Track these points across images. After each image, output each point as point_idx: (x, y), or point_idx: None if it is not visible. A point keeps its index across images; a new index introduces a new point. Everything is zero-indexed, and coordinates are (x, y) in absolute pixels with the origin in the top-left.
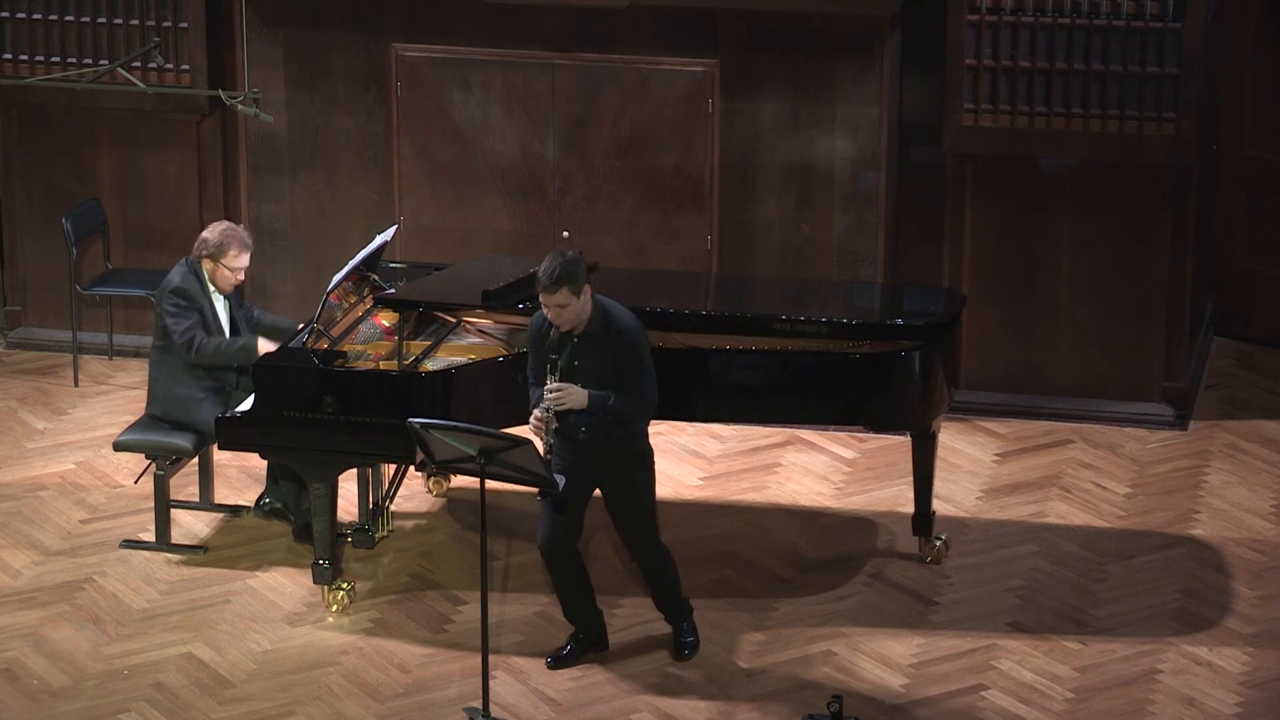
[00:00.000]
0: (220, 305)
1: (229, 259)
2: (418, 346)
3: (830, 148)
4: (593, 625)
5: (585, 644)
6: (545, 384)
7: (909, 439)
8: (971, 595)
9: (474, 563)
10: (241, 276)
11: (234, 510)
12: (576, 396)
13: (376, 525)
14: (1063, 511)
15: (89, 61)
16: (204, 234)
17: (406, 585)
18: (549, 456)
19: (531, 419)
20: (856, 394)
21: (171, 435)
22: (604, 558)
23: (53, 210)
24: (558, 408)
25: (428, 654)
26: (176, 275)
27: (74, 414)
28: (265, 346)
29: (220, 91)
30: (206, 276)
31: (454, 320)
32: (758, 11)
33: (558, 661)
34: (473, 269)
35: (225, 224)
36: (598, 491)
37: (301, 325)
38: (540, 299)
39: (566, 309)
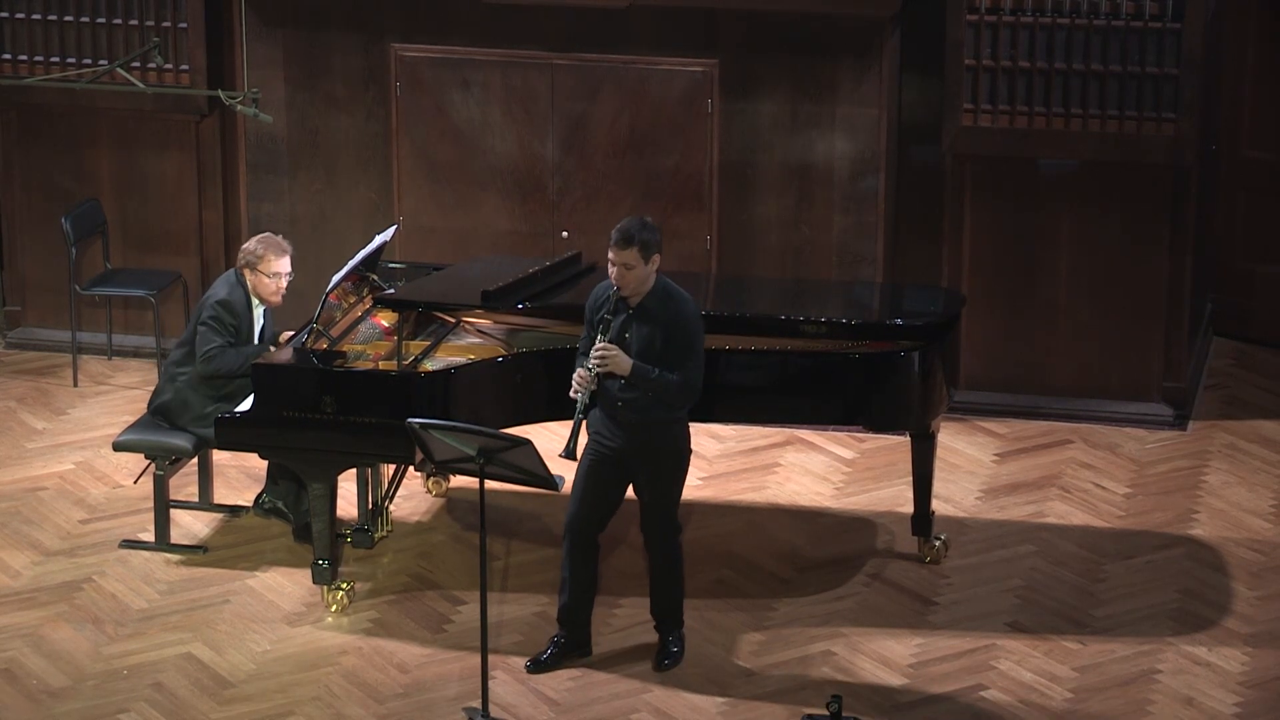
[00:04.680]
0: (258, 321)
1: (265, 265)
2: (417, 346)
3: (829, 148)
4: (580, 630)
5: (567, 648)
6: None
7: (908, 439)
8: (971, 595)
9: (473, 563)
10: (284, 284)
11: (233, 510)
12: (621, 361)
13: (376, 525)
14: (1062, 511)
15: (89, 61)
16: (244, 245)
17: (406, 585)
18: (581, 416)
19: (575, 378)
20: (856, 394)
21: (171, 435)
22: (603, 557)
23: (52, 210)
24: (601, 369)
25: (427, 654)
26: (223, 287)
27: (73, 414)
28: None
29: (220, 92)
30: (250, 289)
31: (453, 320)
32: (757, 11)
33: (537, 665)
34: (472, 269)
35: (263, 234)
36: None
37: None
38: (609, 255)
39: (631, 271)
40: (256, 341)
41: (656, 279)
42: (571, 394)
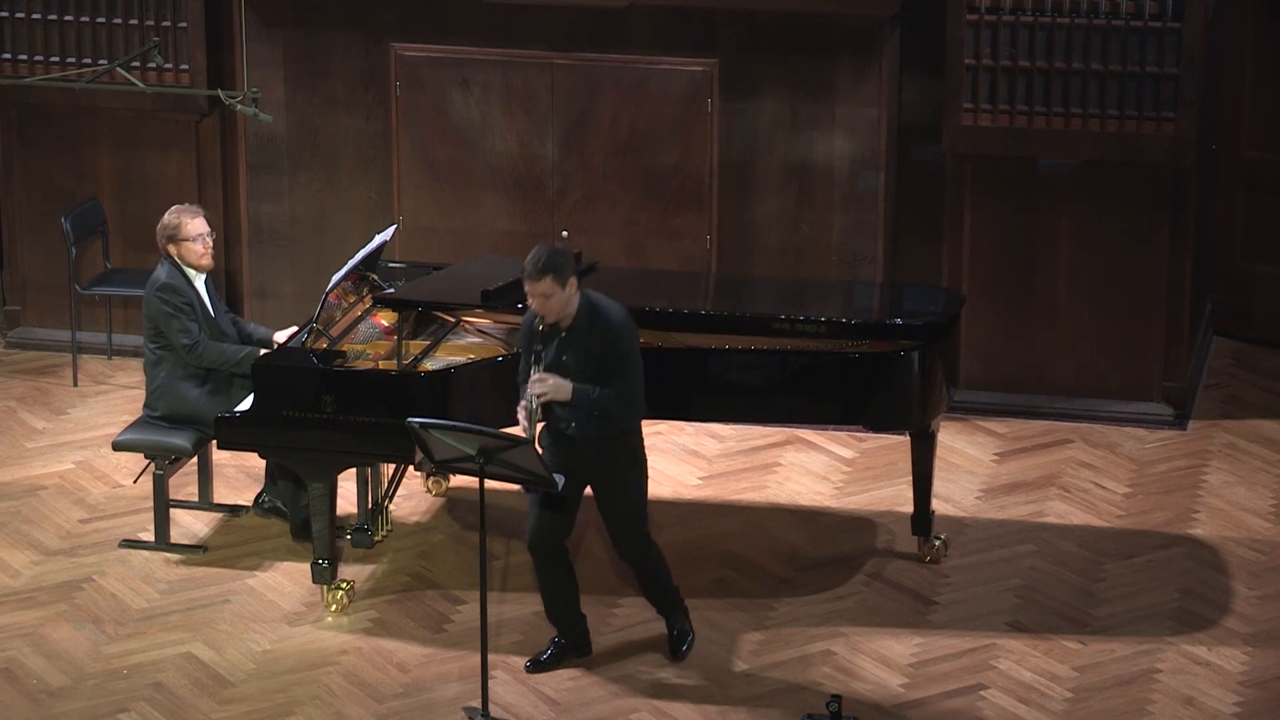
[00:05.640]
0: (203, 292)
1: (184, 231)
2: (417, 346)
3: (829, 147)
4: (574, 629)
5: (565, 648)
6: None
7: (908, 439)
8: (970, 595)
9: (473, 563)
10: (209, 242)
11: (233, 510)
12: (559, 387)
13: (376, 525)
14: (1062, 511)
15: (89, 61)
16: (158, 226)
17: (406, 585)
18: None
19: (518, 411)
20: (856, 394)
21: (171, 435)
22: (601, 556)
23: (52, 210)
24: (540, 399)
25: (427, 654)
26: (162, 272)
27: (73, 414)
28: None
29: (220, 91)
30: (179, 263)
31: (453, 320)
32: (757, 11)
33: (537, 665)
34: (472, 269)
35: (171, 207)
36: (589, 491)
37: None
38: (525, 289)
39: (550, 300)
40: (209, 310)
41: (580, 297)
42: (520, 430)
